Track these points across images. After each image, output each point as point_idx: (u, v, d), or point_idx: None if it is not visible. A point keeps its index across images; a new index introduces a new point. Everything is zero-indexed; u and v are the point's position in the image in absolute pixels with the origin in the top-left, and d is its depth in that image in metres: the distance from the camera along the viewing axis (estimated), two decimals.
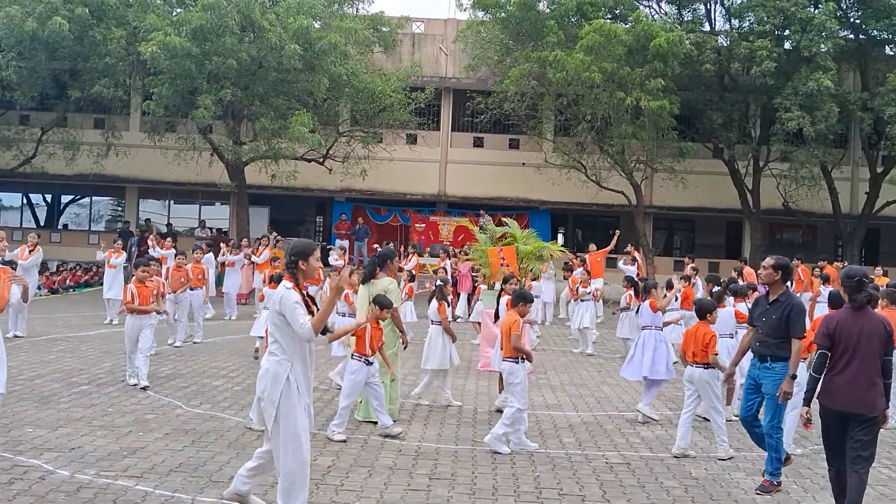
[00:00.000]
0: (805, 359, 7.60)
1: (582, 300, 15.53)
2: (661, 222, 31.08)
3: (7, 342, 13.30)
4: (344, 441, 8.13)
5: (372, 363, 8.37)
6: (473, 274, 18.38)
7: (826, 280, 16.30)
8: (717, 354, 8.21)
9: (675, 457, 8.10)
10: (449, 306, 11.13)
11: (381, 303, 8.26)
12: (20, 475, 6.62)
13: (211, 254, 18.39)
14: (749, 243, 27.44)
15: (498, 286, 14.30)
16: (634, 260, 20.47)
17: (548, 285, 19.34)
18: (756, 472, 7.72)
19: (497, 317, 10.39)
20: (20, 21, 21.39)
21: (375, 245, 24.61)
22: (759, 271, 7.52)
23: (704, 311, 8.45)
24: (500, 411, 9.50)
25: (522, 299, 8.57)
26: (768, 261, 7.34)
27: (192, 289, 14.37)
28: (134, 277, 10.92)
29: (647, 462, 7.92)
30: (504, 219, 16.00)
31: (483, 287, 14.53)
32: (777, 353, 7.04)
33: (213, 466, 7.12)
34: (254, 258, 19.68)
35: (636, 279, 14.72)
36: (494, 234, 15.29)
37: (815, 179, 25.14)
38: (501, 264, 13.49)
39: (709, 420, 8.54)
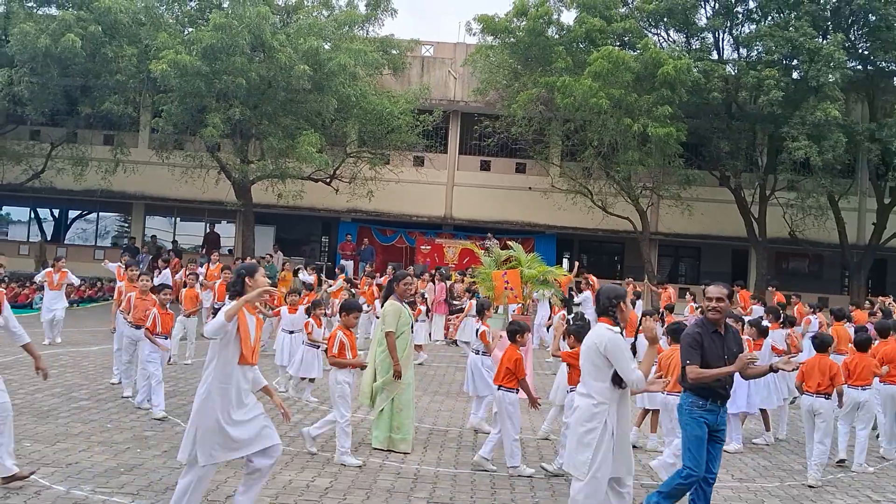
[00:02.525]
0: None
1: None
2: (667, 249, 31.02)
3: (11, 356, 13.31)
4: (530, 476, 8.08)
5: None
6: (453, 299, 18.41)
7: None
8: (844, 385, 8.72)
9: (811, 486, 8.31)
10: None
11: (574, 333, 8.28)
12: (16, 489, 6.58)
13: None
14: (755, 272, 27.35)
15: (503, 309, 14.29)
16: (588, 284, 20.47)
17: (544, 307, 19.07)
18: (758, 501, 7.64)
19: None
20: (34, 38, 21.61)
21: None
22: (713, 304, 6.37)
23: (826, 346, 8.87)
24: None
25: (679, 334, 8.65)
26: (723, 290, 6.43)
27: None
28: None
29: (648, 490, 7.80)
30: (509, 242, 15.99)
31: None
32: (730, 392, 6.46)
33: (209, 485, 7.05)
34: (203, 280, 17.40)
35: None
36: (499, 258, 15.28)
37: (822, 209, 25.11)
38: (505, 288, 13.48)
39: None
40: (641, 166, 23.69)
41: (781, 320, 12.48)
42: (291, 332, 12.10)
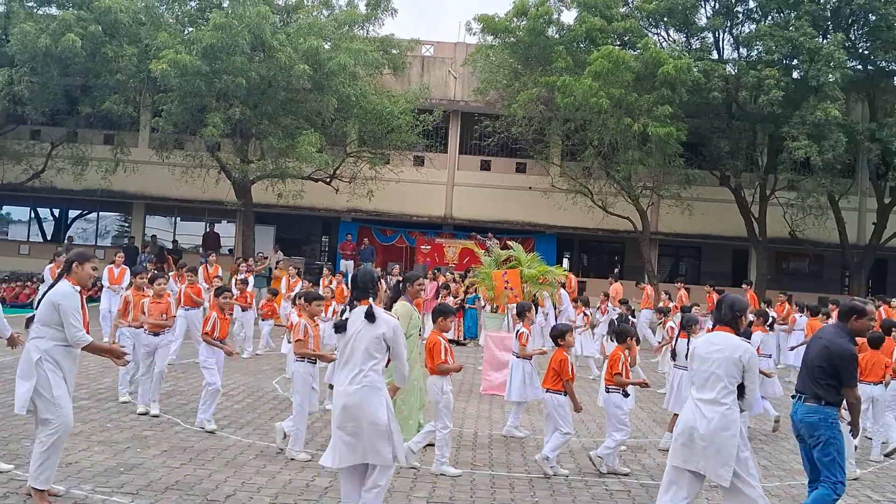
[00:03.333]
0: None
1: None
2: (667, 249, 31.02)
3: (10, 356, 13.30)
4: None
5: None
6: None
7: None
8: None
9: None
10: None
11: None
12: (16, 489, 6.59)
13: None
14: (755, 272, 27.35)
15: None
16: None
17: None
18: None
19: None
20: (34, 37, 21.59)
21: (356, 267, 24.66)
22: (869, 320, 6.59)
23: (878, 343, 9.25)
24: None
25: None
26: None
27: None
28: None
29: (648, 490, 7.83)
30: (509, 242, 15.99)
31: (486, 310, 14.49)
32: None
33: (209, 485, 7.07)
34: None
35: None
36: (499, 258, 15.28)
37: (823, 209, 25.10)
38: (505, 287, 13.48)
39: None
40: (642, 166, 23.67)
41: (769, 323, 12.42)
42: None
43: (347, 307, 5.87)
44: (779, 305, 18.82)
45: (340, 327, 5.77)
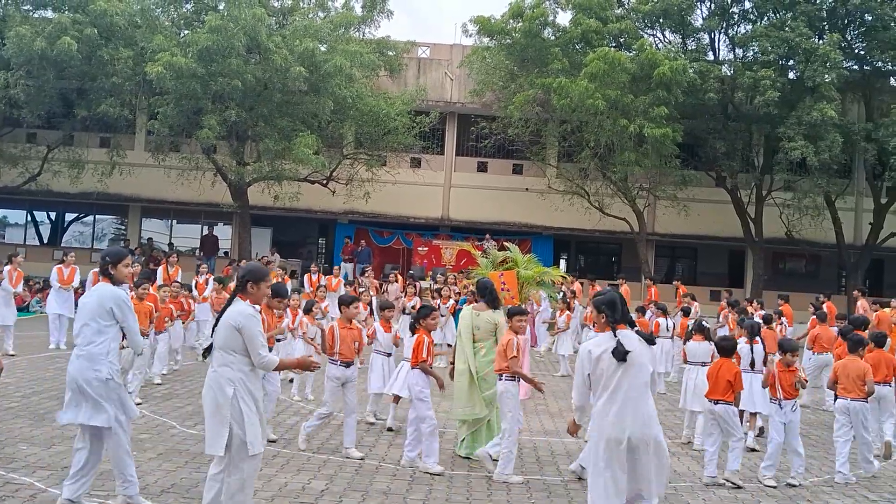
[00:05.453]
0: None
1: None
2: (664, 250, 31.03)
3: (7, 359, 13.26)
4: None
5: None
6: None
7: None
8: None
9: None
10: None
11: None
12: (12, 493, 6.57)
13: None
14: (751, 272, 27.38)
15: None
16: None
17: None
18: (755, 502, 7.62)
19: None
20: (29, 40, 21.59)
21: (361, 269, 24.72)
22: None
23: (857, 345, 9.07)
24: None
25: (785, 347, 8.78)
26: None
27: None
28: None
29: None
30: (506, 243, 15.97)
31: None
32: None
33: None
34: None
35: None
36: (496, 259, 15.24)
37: (819, 209, 25.15)
38: (502, 289, 13.45)
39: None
40: (638, 167, 23.72)
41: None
42: (389, 355, 10.29)
43: (613, 333, 5.54)
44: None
45: (622, 355, 5.43)
